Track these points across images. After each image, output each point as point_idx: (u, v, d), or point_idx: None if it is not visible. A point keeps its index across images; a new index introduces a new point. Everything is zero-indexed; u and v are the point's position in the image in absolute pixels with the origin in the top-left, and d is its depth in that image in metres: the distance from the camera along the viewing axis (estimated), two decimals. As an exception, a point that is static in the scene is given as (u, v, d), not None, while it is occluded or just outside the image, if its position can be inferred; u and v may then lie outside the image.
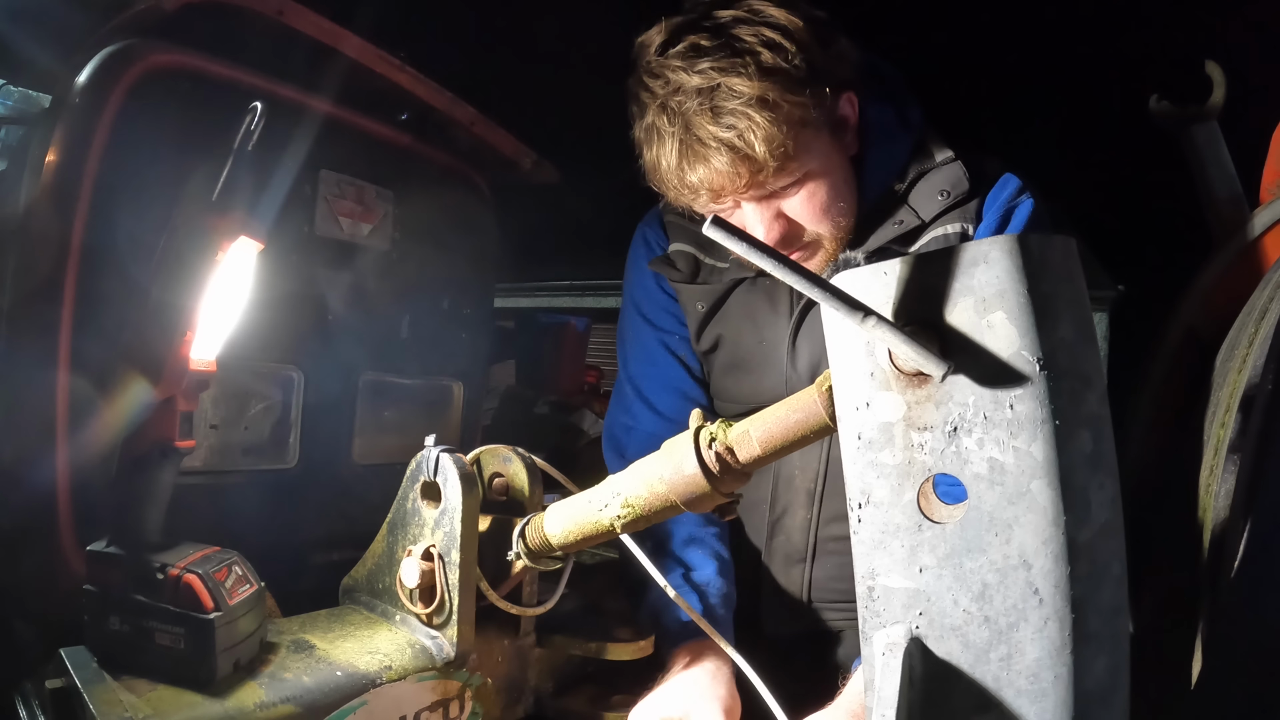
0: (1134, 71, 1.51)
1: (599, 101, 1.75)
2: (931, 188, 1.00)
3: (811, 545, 1.11)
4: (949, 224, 1.00)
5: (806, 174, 0.93)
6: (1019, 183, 1.02)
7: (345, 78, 1.13)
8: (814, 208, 0.95)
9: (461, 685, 0.82)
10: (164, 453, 0.72)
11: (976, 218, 1.00)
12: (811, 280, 0.44)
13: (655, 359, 1.18)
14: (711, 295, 1.11)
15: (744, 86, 0.85)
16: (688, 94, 0.87)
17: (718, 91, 0.86)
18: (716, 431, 0.67)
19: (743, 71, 0.85)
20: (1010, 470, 0.44)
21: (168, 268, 0.71)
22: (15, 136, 1.51)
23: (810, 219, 0.96)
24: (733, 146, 0.86)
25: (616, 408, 1.20)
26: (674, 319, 1.17)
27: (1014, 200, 1.00)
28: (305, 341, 1.17)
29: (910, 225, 1.00)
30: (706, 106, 0.86)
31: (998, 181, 1.02)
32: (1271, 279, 1.06)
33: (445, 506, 0.80)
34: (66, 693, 0.67)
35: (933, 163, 1.01)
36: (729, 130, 0.86)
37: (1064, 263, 0.46)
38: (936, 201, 1.00)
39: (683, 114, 0.88)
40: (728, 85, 0.86)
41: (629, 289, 1.22)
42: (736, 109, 0.85)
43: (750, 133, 0.86)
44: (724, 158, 0.87)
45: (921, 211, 1.00)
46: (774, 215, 0.95)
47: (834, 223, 0.97)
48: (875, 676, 0.47)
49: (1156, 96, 1.45)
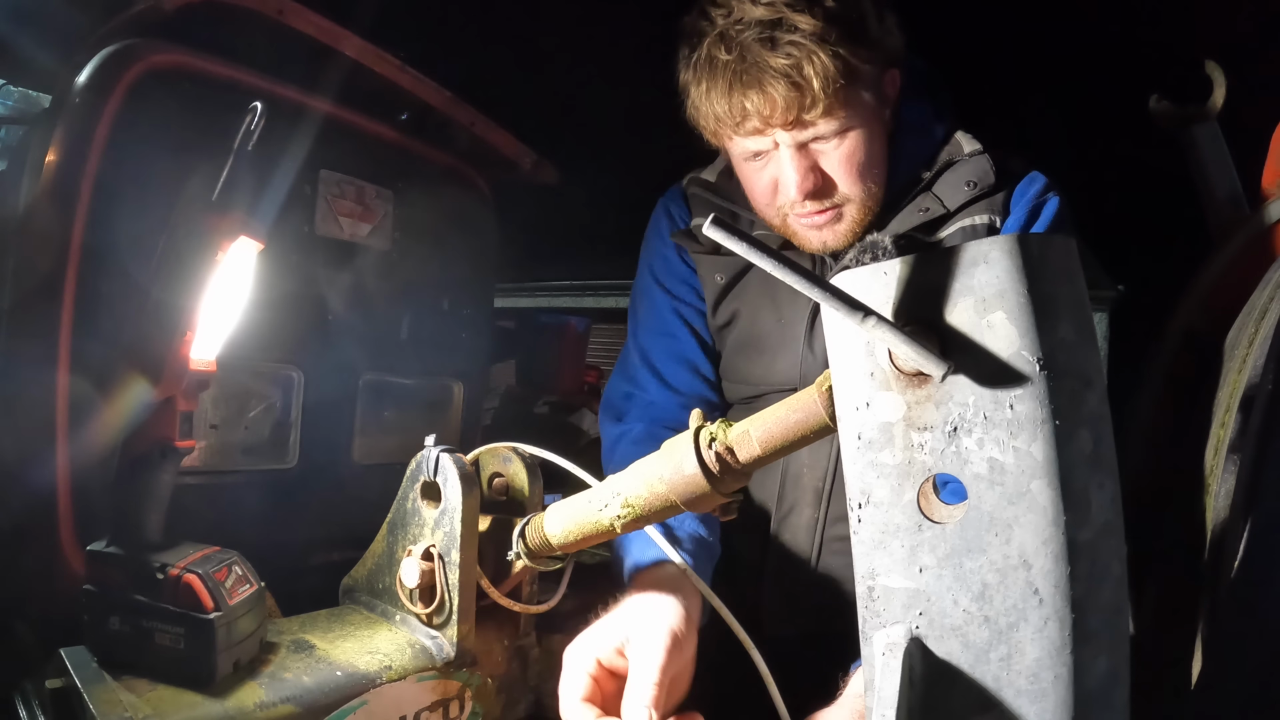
0: (1134, 71, 1.51)
1: (599, 101, 1.75)
2: (958, 178, 1.01)
3: (817, 545, 1.10)
4: (976, 215, 1.01)
5: (850, 127, 0.95)
6: (1045, 180, 1.03)
7: (345, 78, 1.13)
8: (851, 165, 0.96)
9: (461, 685, 0.82)
10: (164, 453, 0.72)
11: (1004, 211, 1.01)
12: (811, 280, 0.44)
13: (668, 329, 1.17)
14: (732, 268, 1.11)
15: (806, 23, 0.88)
16: (749, 24, 0.90)
17: (781, 24, 0.89)
18: (716, 431, 0.67)
19: (807, 9, 0.88)
20: (1010, 470, 0.44)
21: (168, 268, 0.71)
22: (15, 136, 1.51)
23: (845, 177, 0.97)
24: (788, 76, 0.89)
25: (618, 376, 1.19)
26: (692, 290, 1.17)
27: (1042, 196, 1.01)
28: (305, 341, 1.17)
29: (936, 214, 1.01)
30: (767, 36, 0.89)
31: (1025, 177, 1.03)
32: (1271, 279, 1.06)
33: (445, 506, 0.80)
34: (66, 693, 0.67)
35: (961, 154, 1.02)
36: (787, 59, 0.88)
37: (1064, 263, 0.46)
38: (963, 192, 1.01)
39: (741, 42, 0.90)
40: (791, 19, 0.88)
41: (647, 259, 1.22)
42: (797, 41, 0.88)
43: (808, 65, 0.88)
44: (779, 85, 0.89)
45: (947, 201, 1.01)
46: (810, 166, 0.96)
47: (865, 188, 0.99)
48: (875, 676, 0.47)
49: (1156, 96, 1.45)
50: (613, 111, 1.12)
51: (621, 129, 1.04)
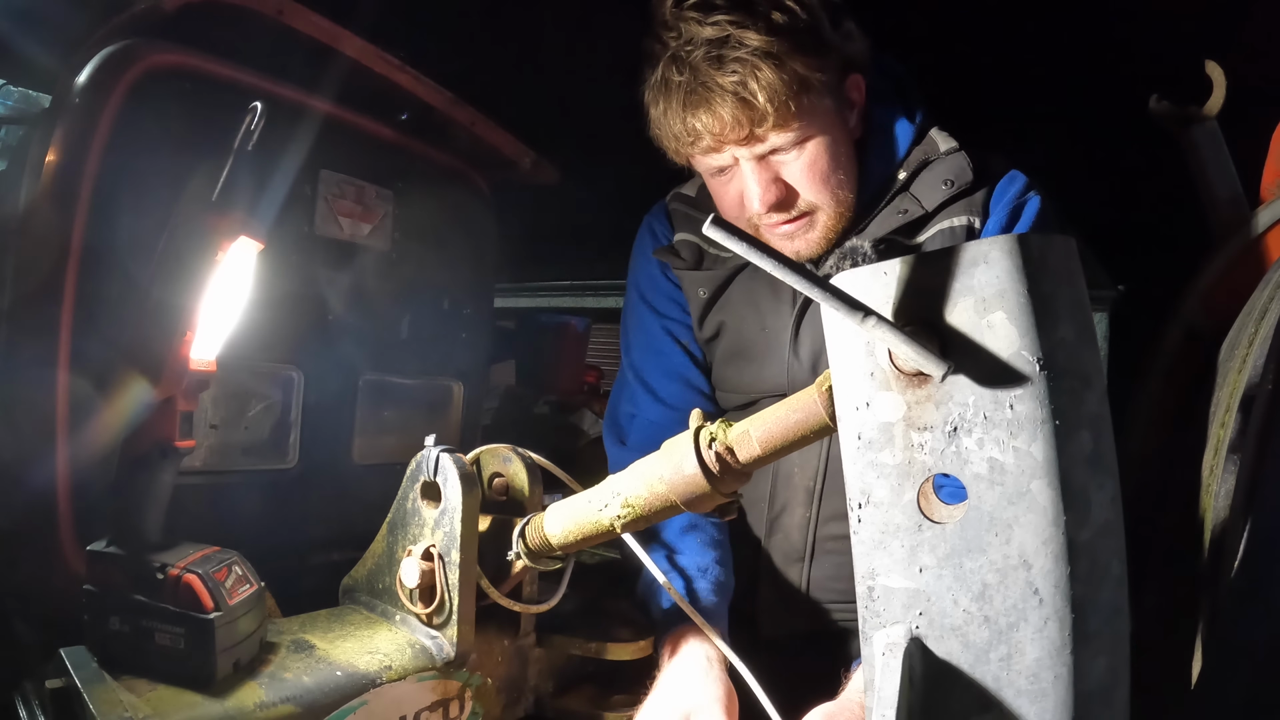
0: (1134, 71, 1.51)
1: (599, 101, 1.75)
2: (935, 177, 1.01)
3: (810, 544, 1.11)
4: (955, 216, 1.00)
5: (807, 137, 0.95)
6: (1025, 179, 1.03)
7: (345, 77, 1.13)
8: (814, 174, 0.97)
9: (461, 685, 0.82)
10: (164, 453, 0.72)
11: (983, 212, 1.01)
12: (811, 280, 0.44)
13: (659, 346, 1.18)
14: (714, 281, 1.12)
15: (752, 39, 0.89)
16: (698, 44, 0.90)
17: (727, 42, 0.89)
18: (716, 431, 0.67)
19: (752, 25, 0.89)
20: (1010, 470, 0.44)
21: (167, 268, 0.71)
22: (15, 136, 1.51)
23: (808, 185, 0.97)
24: (736, 94, 0.89)
25: (619, 395, 1.20)
26: (678, 306, 1.18)
27: (1022, 196, 1.01)
28: (305, 341, 1.17)
29: (914, 215, 1.01)
30: (714, 55, 0.89)
31: (1004, 177, 1.03)
32: (1271, 279, 1.06)
33: (445, 506, 0.80)
34: (66, 693, 0.67)
35: (937, 153, 1.02)
36: (733, 76, 0.89)
37: (1064, 263, 0.46)
38: (940, 191, 1.00)
39: (690, 63, 0.91)
40: (737, 36, 0.89)
41: (634, 279, 1.23)
42: (743, 58, 0.89)
43: (753, 81, 0.89)
44: (726, 104, 0.90)
45: (925, 201, 1.01)
46: (771, 178, 0.97)
47: (832, 194, 0.99)
48: (875, 676, 0.47)
49: (1156, 96, 1.45)
50: (613, 111, 1.11)
51: (621, 129, 1.04)
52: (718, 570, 1.02)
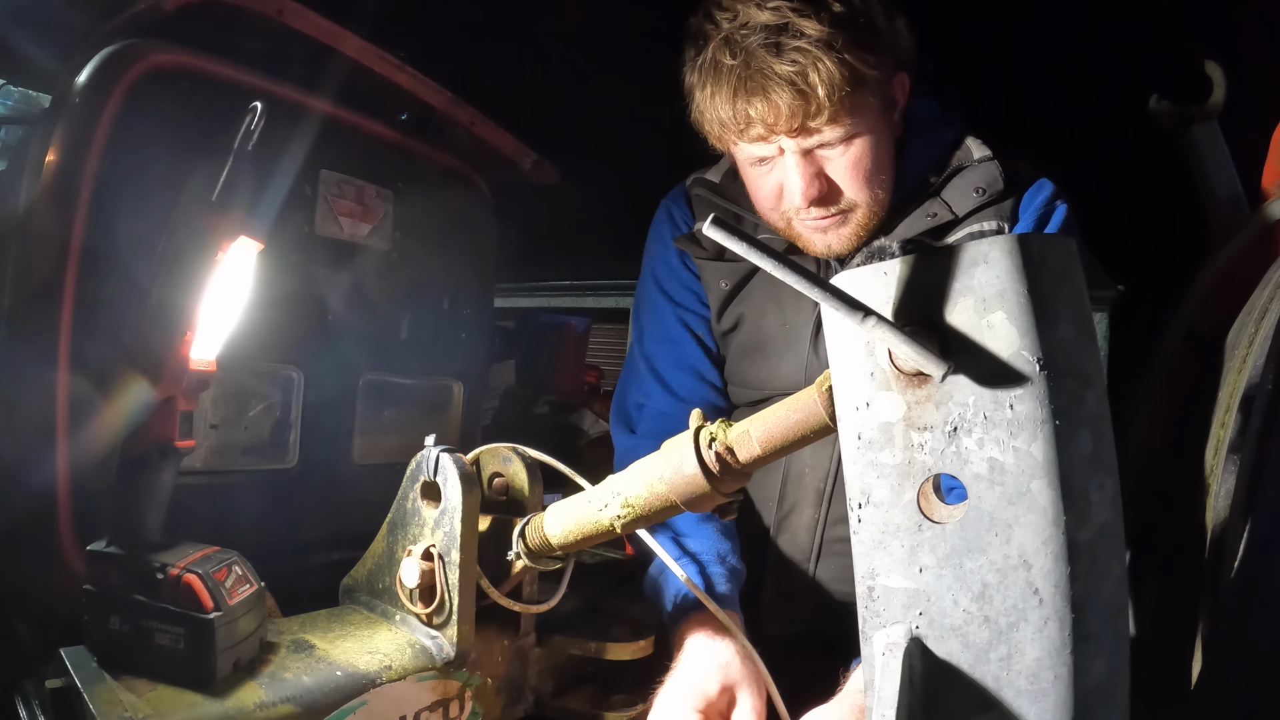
0: (1134, 71, 1.51)
1: (599, 101, 1.76)
2: (967, 184, 1.01)
3: (817, 545, 1.10)
4: (985, 221, 1.00)
5: (856, 134, 0.94)
6: (1053, 187, 1.02)
7: (345, 77, 1.13)
8: (858, 172, 0.96)
9: (461, 685, 0.82)
10: (164, 453, 0.72)
11: (1012, 217, 1.01)
12: (811, 280, 0.44)
13: (672, 336, 1.17)
14: (736, 273, 1.10)
15: (813, 28, 0.87)
16: (754, 29, 0.88)
17: (786, 29, 0.87)
18: (716, 431, 0.67)
19: (813, 14, 0.87)
20: (1010, 470, 0.44)
21: (167, 268, 0.71)
22: (15, 136, 1.51)
23: (851, 183, 0.96)
24: (793, 83, 0.87)
25: (628, 382, 1.19)
26: (695, 297, 1.17)
27: (1050, 204, 1.01)
28: (305, 341, 1.17)
29: (944, 219, 1.00)
30: (772, 42, 0.87)
31: (1033, 185, 1.03)
32: (1271, 279, 1.06)
33: (445, 506, 0.80)
34: (66, 693, 0.67)
35: (971, 160, 1.02)
36: (793, 65, 0.87)
37: (1064, 263, 0.46)
38: (971, 198, 1.00)
39: (746, 47, 0.89)
40: (797, 25, 0.87)
41: (650, 264, 1.21)
42: (803, 47, 0.87)
43: (813, 72, 0.87)
44: (784, 93, 0.88)
45: (955, 206, 1.01)
46: (815, 172, 0.95)
47: (872, 194, 0.98)
48: (875, 676, 0.47)
49: (1156, 96, 1.45)
50: (613, 111, 1.12)
51: (621, 129, 1.04)
52: (733, 558, 1.02)
